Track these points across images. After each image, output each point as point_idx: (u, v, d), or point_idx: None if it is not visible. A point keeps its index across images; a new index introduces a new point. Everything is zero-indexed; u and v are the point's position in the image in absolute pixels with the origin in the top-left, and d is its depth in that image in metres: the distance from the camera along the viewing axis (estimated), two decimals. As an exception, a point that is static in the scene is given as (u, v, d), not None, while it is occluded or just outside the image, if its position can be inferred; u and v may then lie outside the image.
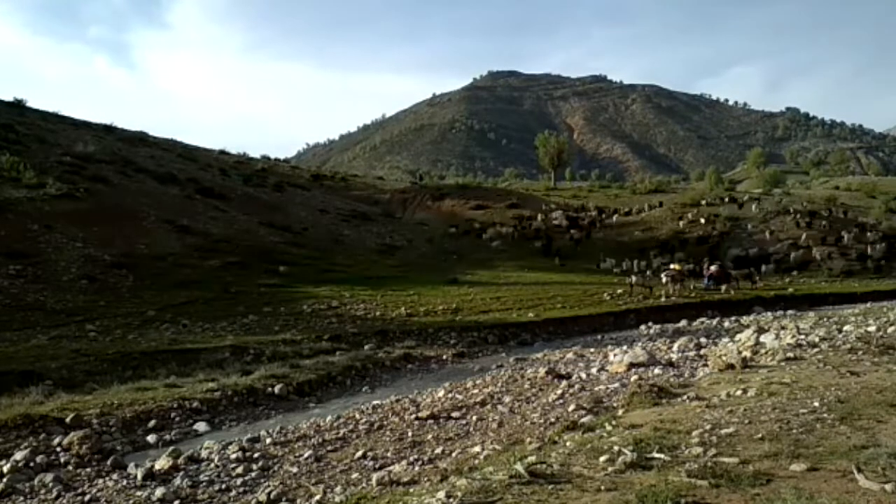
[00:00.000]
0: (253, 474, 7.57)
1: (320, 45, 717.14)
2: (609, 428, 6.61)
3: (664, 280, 26.65)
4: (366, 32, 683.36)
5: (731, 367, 10.39)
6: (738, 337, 15.48)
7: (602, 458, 5.07)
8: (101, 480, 7.61)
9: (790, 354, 10.97)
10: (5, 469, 7.75)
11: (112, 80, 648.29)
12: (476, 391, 11.65)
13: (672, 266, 28.35)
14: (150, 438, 9.60)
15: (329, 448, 8.56)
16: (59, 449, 8.66)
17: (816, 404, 6.56)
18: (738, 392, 7.81)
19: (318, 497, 6.49)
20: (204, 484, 7.30)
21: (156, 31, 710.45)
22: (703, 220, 43.40)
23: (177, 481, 7.37)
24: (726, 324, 20.28)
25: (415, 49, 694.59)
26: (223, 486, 7.21)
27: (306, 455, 8.19)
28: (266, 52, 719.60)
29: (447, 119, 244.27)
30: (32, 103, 47.03)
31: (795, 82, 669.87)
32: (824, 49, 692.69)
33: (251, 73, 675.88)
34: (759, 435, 5.53)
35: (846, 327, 15.14)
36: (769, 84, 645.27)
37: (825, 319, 18.18)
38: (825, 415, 6.12)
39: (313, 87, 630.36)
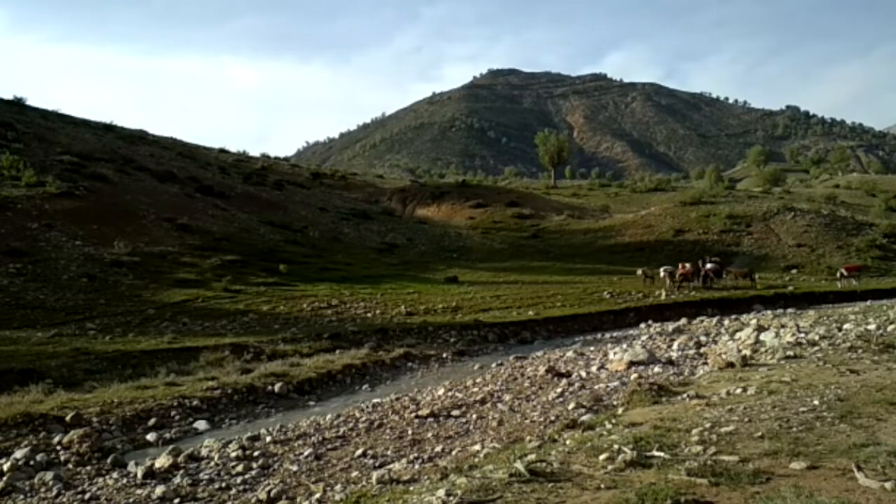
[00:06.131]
0: (253, 472, 7.58)
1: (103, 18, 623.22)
2: (609, 426, 6.62)
3: (662, 275, 26.75)
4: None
5: (730, 365, 10.41)
6: (737, 335, 15.47)
7: (602, 457, 5.08)
8: (101, 479, 7.63)
9: (790, 353, 10.98)
10: (5, 467, 7.75)
11: None
12: (476, 389, 11.66)
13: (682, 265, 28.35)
14: (150, 437, 9.61)
15: (329, 446, 8.58)
16: (59, 447, 8.67)
17: (816, 402, 6.56)
18: (738, 390, 7.82)
19: (318, 495, 6.49)
20: (204, 482, 7.31)
21: None
22: (702, 219, 43.38)
23: (177, 479, 7.38)
24: (726, 322, 20.25)
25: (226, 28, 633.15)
26: (223, 485, 7.22)
27: (306, 453, 8.20)
28: (40, 33, 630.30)
29: (447, 117, 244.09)
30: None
31: (697, 65, 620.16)
32: (723, 28, 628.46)
33: (29, 55, 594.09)
34: (759, 433, 5.53)
35: (846, 325, 15.12)
36: (668, 70, 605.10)
37: (825, 318, 18.16)
38: (825, 413, 6.12)
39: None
